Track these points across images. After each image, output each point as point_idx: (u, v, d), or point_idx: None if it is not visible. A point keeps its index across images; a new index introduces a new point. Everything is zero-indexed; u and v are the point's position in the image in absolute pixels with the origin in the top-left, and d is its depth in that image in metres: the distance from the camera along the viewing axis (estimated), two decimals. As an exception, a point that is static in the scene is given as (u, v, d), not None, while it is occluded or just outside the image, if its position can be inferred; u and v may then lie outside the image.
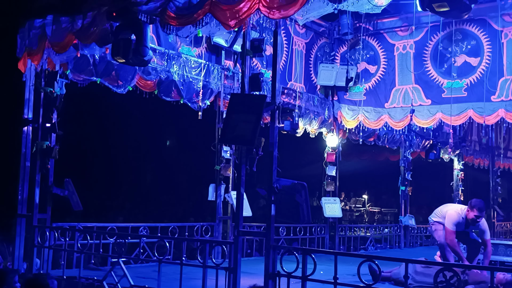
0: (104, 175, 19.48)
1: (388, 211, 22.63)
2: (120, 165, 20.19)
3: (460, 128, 15.60)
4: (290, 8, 6.49)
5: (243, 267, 6.92)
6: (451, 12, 6.72)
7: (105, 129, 19.04)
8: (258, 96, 6.86)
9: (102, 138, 19.04)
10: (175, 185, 21.24)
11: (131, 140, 19.77)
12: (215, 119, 10.87)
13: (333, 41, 12.66)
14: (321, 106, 12.50)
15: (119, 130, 19.19)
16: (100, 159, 19.55)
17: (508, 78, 10.39)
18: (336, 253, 6.04)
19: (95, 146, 19.19)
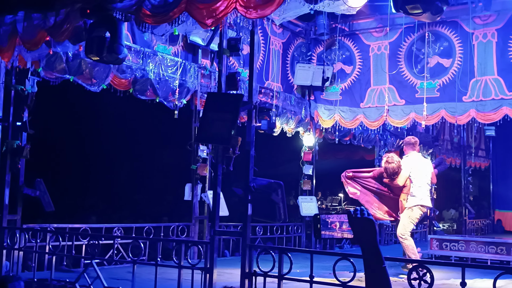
0: (77, 175, 19.26)
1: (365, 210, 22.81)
2: (93, 164, 19.98)
3: (433, 127, 15.83)
4: (267, 8, 6.49)
5: (219, 267, 6.90)
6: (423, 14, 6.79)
7: (78, 128, 18.82)
8: (235, 95, 6.86)
9: (75, 137, 18.81)
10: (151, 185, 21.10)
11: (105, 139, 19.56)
12: (192, 118, 10.83)
13: (309, 41, 12.73)
14: (298, 106, 12.56)
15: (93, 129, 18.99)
16: (73, 159, 19.32)
17: (479, 79, 10.58)
18: (312, 252, 6.07)
19: (67, 145, 18.95)
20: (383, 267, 2.48)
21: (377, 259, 2.49)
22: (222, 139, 6.54)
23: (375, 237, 2.49)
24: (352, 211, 2.57)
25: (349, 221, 2.56)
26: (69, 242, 8.17)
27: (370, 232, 2.50)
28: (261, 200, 6.71)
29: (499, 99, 10.41)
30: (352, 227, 2.56)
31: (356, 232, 2.55)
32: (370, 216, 2.54)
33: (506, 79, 10.37)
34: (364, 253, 2.52)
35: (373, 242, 2.49)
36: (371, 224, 2.51)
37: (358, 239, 2.54)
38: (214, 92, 8.76)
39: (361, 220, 2.52)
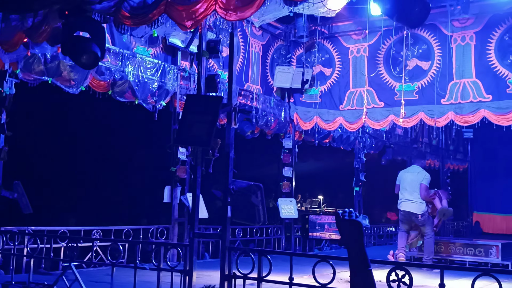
0: (56, 177, 19.07)
1: (343, 212, 22.91)
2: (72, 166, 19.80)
3: (411, 130, 15.96)
4: (246, 10, 6.50)
5: (199, 270, 6.87)
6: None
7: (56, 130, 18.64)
8: (214, 97, 6.84)
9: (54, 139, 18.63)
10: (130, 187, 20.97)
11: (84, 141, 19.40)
12: (171, 120, 10.78)
13: (289, 43, 12.76)
14: (278, 108, 12.57)
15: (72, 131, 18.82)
16: (51, 161, 19.13)
17: (457, 81, 10.70)
18: (292, 254, 6.07)
19: (46, 147, 18.75)
20: (369, 270, 2.48)
21: (363, 262, 2.48)
22: (201, 141, 6.51)
23: (361, 240, 2.49)
24: (340, 213, 2.57)
25: (337, 222, 2.56)
26: (47, 244, 8.08)
27: (357, 234, 2.50)
28: (240, 202, 6.70)
29: (477, 102, 10.53)
30: (339, 228, 2.56)
31: (343, 234, 2.54)
32: (358, 218, 2.54)
33: (484, 82, 10.50)
34: (350, 255, 2.51)
35: (360, 244, 2.49)
36: (358, 226, 2.51)
37: (345, 241, 2.54)
38: (193, 94, 8.73)
39: (349, 222, 2.52)
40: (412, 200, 10.38)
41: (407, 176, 10.59)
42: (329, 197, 24.92)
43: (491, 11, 10.48)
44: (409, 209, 10.34)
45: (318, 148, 14.83)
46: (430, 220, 10.21)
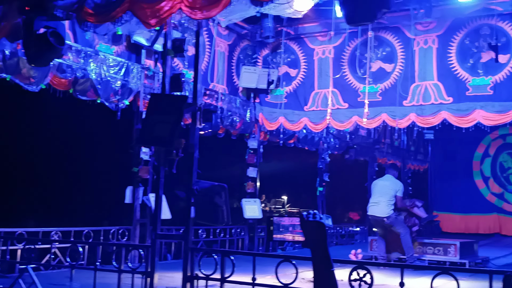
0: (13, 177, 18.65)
1: (306, 212, 23.04)
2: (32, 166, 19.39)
3: (374, 131, 16.15)
4: (212, 9, 6.46)
5: (161, 271, 6.80)
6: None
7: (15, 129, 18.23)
8: (178, 96, 6.78)
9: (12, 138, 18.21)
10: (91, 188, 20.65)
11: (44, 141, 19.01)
12: (134, 120, 10.63)
13: (255, 43, 12.76)
14: (243, 108, 12.55)
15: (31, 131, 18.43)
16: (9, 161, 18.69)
17: (419, 84, 10.88)
18: (255, 254, 6.07)
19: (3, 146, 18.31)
20: (332, 270, 2.49)
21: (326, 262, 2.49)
22: (165, 141, 6.44)
23: (325, 241, 2.50)
24: (305, 214, 2.57)
25: (301, 224, 2.56)
26: (3, 246, 7.87)
27: (320, 236, 2.51)
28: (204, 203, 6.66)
29: (438, 104, 10.73)
30: (303, 230, 2.56)
31: (307, 235, 2.54)
32: (322, 219, 2.54)
33: (445, 84, 10.70)
34: (313, 256, 2.51)
35: (323, 245, 2.50)
36: (322, 228, 2.51)
37: (309, 242, 2.54)
38: (157, 93, 8.62)
39: (313, 224, 2.52)
40: (378, 202, 10.42)
41: (379, 183, 10.71)
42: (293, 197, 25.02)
43: (452, 15, 10.69)
44: (374, 213, 10.40)
45: (283, 148, 14.89)
46: (398, 219, 10.25)
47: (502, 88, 10.25)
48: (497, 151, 18.89)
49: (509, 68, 10.17)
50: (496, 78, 10.27)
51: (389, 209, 10.26)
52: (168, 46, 6.91)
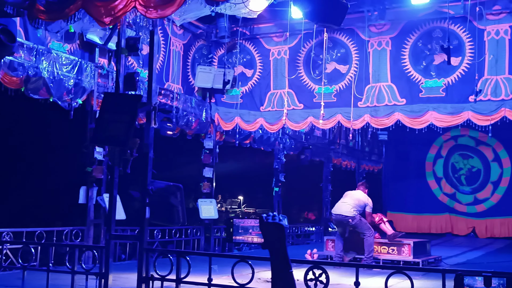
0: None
1: (263, 212, 23.15)
2: (-19, 166, 18.81)
3: (329, 131, 16.34)
4: (167, 8, 6.42)
5: (115, 272, 6.71)
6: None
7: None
8: (133, 96, 6.69)
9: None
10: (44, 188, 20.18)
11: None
12: (87, 119, 10.46)
13: (210, 43, 12.73)
14: (199, 108, 12.50)
15: (-20, 129, 17.89)
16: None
17: (374, 85, 11.06)
18: (211, 255, 6.05)
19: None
20: (290, 271, 2.50)
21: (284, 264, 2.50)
22: (119, 141, 6.35)
23: (284, 242, 2.52)
24: (264, 216, 2.58)
25: (260, 225, 2.57)
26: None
27: (279, 237, 2.52)
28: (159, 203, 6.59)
29: (392, 105, 10.93)
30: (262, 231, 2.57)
31: (266, 237, 2.55)
32: (282, 221, 2.55)
33: (399, 86, 10.91)
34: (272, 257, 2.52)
35: (282, 247, 2.51)
36: (281, 229, 2.53)
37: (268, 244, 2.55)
38: (111, 92, 8.51)
39: (272, 225, 2.53)
40: (345, 202, 10.52)
41: (351, 191, 10.81)
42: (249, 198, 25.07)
43: (406, 17, 10.91)
44: (341, 211, 10.43)
45: (238, 148, 14.89)
46: (363, 221, 10.34)
47: (454, 90, 10.51)
48: (449, 152, 19.36)
49: (461, 71, 10.44)
50: (448, 80, 10.54)
51: (354, 211, 10.34)
52: (122, 45, 6.81)
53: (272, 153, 15.55)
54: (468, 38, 10.39)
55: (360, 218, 10.33)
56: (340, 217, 10.44)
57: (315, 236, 16.70)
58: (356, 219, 10.27)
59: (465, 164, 19.23)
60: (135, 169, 6.66)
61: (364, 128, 11.71)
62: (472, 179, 18.92)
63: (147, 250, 6.36)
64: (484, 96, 10.19)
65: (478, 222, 18.52)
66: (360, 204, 10.46)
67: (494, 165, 18.59)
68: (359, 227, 10.28)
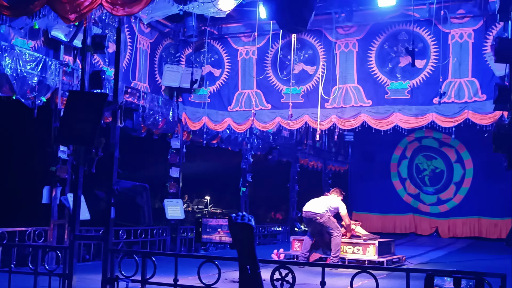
0: None
1: (230, 212, 23.10)
2: None
3: (297, 132, 16.42)
4: (134, 6, 6.35)
5: (80, 273, 6.62)
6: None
7: None
8: (98, 94, 6.61)
9: None
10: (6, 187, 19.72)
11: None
12: (52, 117, 10.27)
13: (178, 42, 12.66)
14: (166, 107, 12.41)
15: None
16: None
17: (341, 86, 11.15)
18: (177, 255, 6.02)
19: None
20: (258, 272, 2.50)
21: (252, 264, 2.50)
22: (84, 140, 6.26)
23: (252, 242, 2.52)
24: (233, 216, 2.57)
25: (229, 225, 2.56)
26: None
27: (248, 237, 2.52)
28: (125, 203, 6.55)
29: (358, 106, 11.03)
30: (231, 231, 2.56)
31: (235, 237, 2.55)
32: (250, 222, 2.55)
33: (365, 88, 11.03)
34: (240, 257, 2.52)
35: (251, 247, 2.51)
36: (250, 230, 2.53)
37: (236, 244, 2.54)
38: (76, 90, 8.38)
39: (241, 225, 2.53)
40: (317, 201, 10.57)
41: (326, 195, 10.95)
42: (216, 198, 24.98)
43: (372, 20, 11.03)
44: (310, 208, 10.43)
45: (206, 148, 14.83)
46: (332, 220, 10.37)
47: (419, 92, 10.67)
48: (413, 153, 19.68)
49: (426, 73, 10.61)
50: (413, 82, 10.69)
51: (324, 210, 10.35)
52: (87, 42, 6.73)
53: (240, 153, 15.54)
54: (433, 41, 10.56)
55: (329, 216, 10.36)
56: (309, 213, 10.45)
57: (282, 236, 16.75)
58: (324, 217, 10.30)
59: (428, 165, 19.57)
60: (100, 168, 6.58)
61: (331, 129, 11.80)
62: (436, 179, 19.26)
63: (112, 251, 6.29)
64: (448, 99, 10.37)
65: (441, 222, 18.87)
66: (332, 206, 10.49)
67: (457, 166, 18.96)
68: (327, 225, 10.30)
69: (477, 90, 10.27)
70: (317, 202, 10.55)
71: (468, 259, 10.38)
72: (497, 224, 17.94)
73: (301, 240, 11.32)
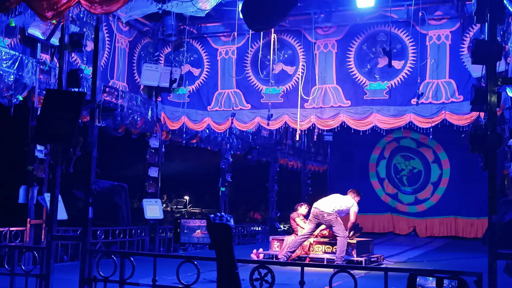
0: None
1: (209, 212, 23.05)
2: None
3: (276, 132, 16.45)
4: (112, 4, 6.31)
5: (57, 274, 6.55)
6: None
7: None
8: (76, 93, 6.55)
9: None
10: (-19, 187, 19.46)
11: None
12: (29, 116, 10.14)
13: (157, 41, 12.59)
14: (144, 107, 12.33)
15: None
16: None
17: (320, 87, 11.19)
18: (156, 255, 6.00)
19: None
20: (236, 272, 2.51)
21: (231, 265, 2.51)
22: (62, 139, 6.20)
23: (231, 243, 2.52)
24: (212, 217, 2.57)
25: (207, 226, 2.56)
26: None
27: (226, 238, 2.52)
28: (103, 203, 6.51)
29: (337, 107, 11.09)
30: (209, 232, 2.57)
31: (213, 237, 2.55)
32: (229, 222, 2.55)
33: (344, 88, 11.08)
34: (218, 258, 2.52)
35: (229, 247, 2.52)
36: (228, 230, 2.53)
37: (215, 244, 2.55)
38: (54, 89, 8.28)
39: (219, 226, 2.53)
40: (329, 199, 10.58)
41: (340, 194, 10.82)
42: (195, 198, 24.90)
43: (351, 20, 11.09)
44: (320, 206, 10.39)
45: (185, 148, 14.78)
46: (339, 221, 10.32)
47: (397, 93, 10.76)
48: (391, 154, 19.85)
49: (404, 74, 10.70)
50: (392, 83, 10.78)
51: (332, 209, 10.31)
52: (65, 41, 6.67)
53: (219, 153, 15.51)
54: (411, 43, 10.66)
55: (336, 217, 10.31)
56: (317, 210, 10.38)
57: (261, 236, 16.75)
58: (331, 215, 10.25)
59: (406, 165, 19.75)
60: (78, 168, 6.52)
61: (310, 129, 11.84)
62: (413, 179, 19.45)
63: (90, 251, 6.25)
64: (426, 99, 10.48)
65: (418, 222, 19.06)
66: (345, 205, 10.46)
67: (434, 166, 19.17)
68: (334, 226, 10.25)
69: (454, 91, 10.39)
70: (329, 201, 10.54)
71: (445, 258, 10.51)
72: (474, 223, 18.18)
73: (280, 240, 11.34)
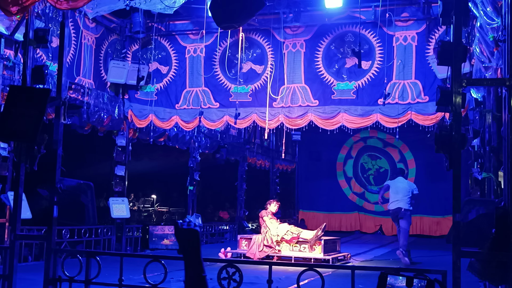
0: None
1: (176, 211, 22.93)
2: None
3: (245, 131, 16.45)
4: (78, 0, 6.21)
5: (21, 274, 6.43)
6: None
7: None
8: (41, 90, 6.43)
9: None
10: None
11: None
12: (-8, 113, 9.91)
13: (124, 38, 12.46)
14: (111, 104, 12.19)
15: None
16: None
17: (288, 86, 11.25)
18: (122, 255, 5.94)
19: None
20: (203, 276, 2.52)
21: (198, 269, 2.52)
22: (26, 137, 6.07)
23: (198, 247, 2.53)
24: (180, 222, 2.57)
25: (175, 231, 2.56)
26: None
27: (194, 243, 2.53)
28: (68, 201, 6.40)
29: (306, 106, 11.15)
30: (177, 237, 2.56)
31: (181, 243, 2.55)
32: (197, 227, 2.55)
33: (312, 88, 11.15)
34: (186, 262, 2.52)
35: (196, 252, 2.52)
36: (196, 235, 2.54)
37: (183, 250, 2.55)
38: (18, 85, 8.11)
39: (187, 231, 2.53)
40: (403, 199, 10.91)
41: (399, 185, 11.11)
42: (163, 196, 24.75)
43: (320, 21, 11.16)
44: (399, 205, 10.89)
45: (153, 146, 14.68)
46: (407, 215, 10.93)
47: (364, 93, 10.87)
48: (358, 153, 20.06)
49: (371, 74, 10.81)
50: (359, 83, 10.88)
51: (408, 204, 10.90)
52: (30, 36, 6.54)
53: (188, 152, 15.43)
54: (378, 43, 10.78)
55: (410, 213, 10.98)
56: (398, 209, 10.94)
57: (229, 235, 16.73)
58: (408, 211, 10.92)
59: (373, 165, 19.98)
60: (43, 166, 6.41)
61: (278, 128, 11.87)
62: (380, 179, 19.67)
63: (55, 251, 6.16)
64: (392, 100, 10.61)
65: (385, 220, 19.27)
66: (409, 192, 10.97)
67: (400, 166, 19.42)
68: (404, 219, 10.91)
69: (420, 92, 10.54)
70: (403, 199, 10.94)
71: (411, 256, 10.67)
72: (439, 222, 18.49)
73: (248, 239, 11.34)
